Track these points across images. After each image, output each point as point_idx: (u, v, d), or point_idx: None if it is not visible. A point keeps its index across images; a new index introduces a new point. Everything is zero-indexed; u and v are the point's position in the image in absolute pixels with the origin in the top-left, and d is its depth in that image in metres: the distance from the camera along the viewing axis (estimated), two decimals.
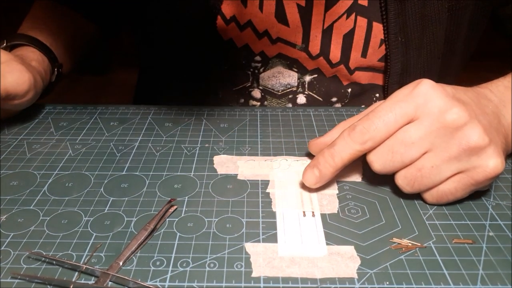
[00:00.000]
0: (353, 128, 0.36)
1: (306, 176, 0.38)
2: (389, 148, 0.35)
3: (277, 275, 0.30)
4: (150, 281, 0.30)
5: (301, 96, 0.58)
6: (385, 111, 0.35)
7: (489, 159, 0.34)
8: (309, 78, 0.57)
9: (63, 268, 0.31)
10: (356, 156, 0.36)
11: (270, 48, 0.55)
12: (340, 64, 0.55)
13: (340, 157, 0.36)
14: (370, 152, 0.36)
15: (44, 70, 0.52)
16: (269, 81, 0.57)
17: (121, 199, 0.37)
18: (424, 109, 0.34)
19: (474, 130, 0.33)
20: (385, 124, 0.35)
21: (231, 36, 0.55)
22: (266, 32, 0.54)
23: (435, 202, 0.36)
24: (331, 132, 0.41)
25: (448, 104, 0.34)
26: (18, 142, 0.46)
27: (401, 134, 0.35)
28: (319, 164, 0.37)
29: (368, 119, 0.35)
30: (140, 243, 0.32)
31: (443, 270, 0.31)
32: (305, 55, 0.55)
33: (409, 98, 0.35)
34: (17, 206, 0.36)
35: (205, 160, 0.43)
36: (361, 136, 0.35)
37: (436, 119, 0.34)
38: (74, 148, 0.44)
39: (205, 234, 0.34)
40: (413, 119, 0.35)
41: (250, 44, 0.55)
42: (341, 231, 0.34)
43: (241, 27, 0.54)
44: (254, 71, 0.57)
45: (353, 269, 0.31)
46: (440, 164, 0.34)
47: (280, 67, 0.57)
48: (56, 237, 0.33)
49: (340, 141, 0.36)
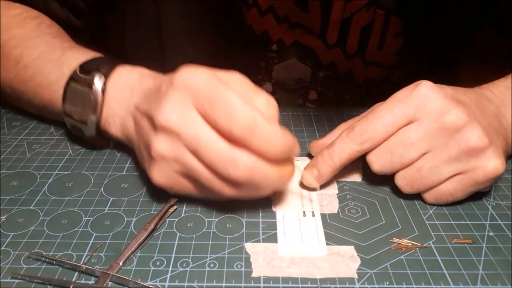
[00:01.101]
0: (352, 128, 0.36)
1: (305, 176, 0.38)
2: (388, 148, 0.35)
3: (277, 275, 0.30)
4: (150, 281, 0.30)
5: (313, 92, 0.58)
6: (384, 112, 0.35)
7: (488, 160, 0.34)
8: (322, 74, 0.57)
9: (63, 268, 0.30)
10: (355, 156, 0.36)
11: (288, 35, 0.55)
12: (356, 56, 0.55)
13: (339, 158, 0.36)
14: (369, 152, 0.36)
15: None
16: (282, 74, 0.57)
17: (121, 199, 0.37)
18: (423, 110, 0.34)
19: (474, 131, 0.33)
20: (384, 125, 0.35)
21: (251, 23, 0.54)
22: (286, 17, 0.54)
23: (435, 202, 0.36)
24: (331, 133, 0.41)
25: (447, 105, 0.34)
26: (18, 142, 0.45)
27: (400, 135, 0.35)
28: (317, 164, 0.37)
29: (366, 120, 0.36)
30: (140, 243, 0.32)
31: (443, 270, 0.31)
32: (321, 44, 0.55)
33: (408, 100, 0.35)
34: (17, 206, 0.36)
35: None
36: (360, 137, 0.35)
37: (435, 121, 0.34)
38: (74, 148, 0.44)
39: (205, 234, 0.34)
40: (412, 120, 0.35)
41: (269, 30, 0.55)
42: (341, 231, 0.34)
43: (262, 12, 0.54)
44: (268, 61, 0.57)
45: (353, 269, 0.31)
46: (439, 164, 0.34)
47: (294, 60, 0.56)
48: (56, 237, 0.33)
49: (338, 142, 0.37)
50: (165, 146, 0.32)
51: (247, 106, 0.30)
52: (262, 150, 0.30)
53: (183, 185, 0.34)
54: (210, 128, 0.31)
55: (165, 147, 0.32)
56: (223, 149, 0.30)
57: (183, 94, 0.32)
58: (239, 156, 0.30)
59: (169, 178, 0.33)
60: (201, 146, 0.31)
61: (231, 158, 0.30)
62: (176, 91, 0.32)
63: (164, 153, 0.32)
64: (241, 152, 0.30)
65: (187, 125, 0.31)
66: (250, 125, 0.30)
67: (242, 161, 0.30)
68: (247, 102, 0.30)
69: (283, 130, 0.31)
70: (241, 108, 0.30)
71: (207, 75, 0.32)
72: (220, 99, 0.30)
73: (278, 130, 0.31)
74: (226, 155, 0.30)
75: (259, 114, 0.30)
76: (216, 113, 0.30)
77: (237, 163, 0.30)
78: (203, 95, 0.31)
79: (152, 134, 0.33)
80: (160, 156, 0.32)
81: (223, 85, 0.31)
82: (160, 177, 0.33)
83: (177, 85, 0.32)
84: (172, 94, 0.32)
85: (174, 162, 0.32)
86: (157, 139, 0.32)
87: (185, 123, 0.31)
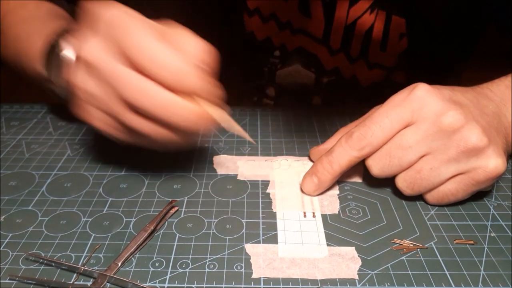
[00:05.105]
0: (350, 134, 0.36)
1: (305, 184, 0.38)
2: (386, 152, 0.35)
3: (278, 276, 0.30)
4: (149, 283, 0.29)
5: (316, 98, 0.58)
6: (381, 116, 0.35)
7: (489, 160, 0.33)
8: (326, 79, 0.57)
9: (61, 270, 0.30)
10: (354, 162, 0.36)
11: (291, 40, 0.55)
12: (360, 59, 0.55)
13: (338, 164, 0.36)
14: (368, 157, 0.36)
15: None
16: (286, 79, 0.57)
17: (120, 200, 0.37)
18: (420, 113, 0.34)
19: (472, 131, 0.33)
20: (382, 129, 0.35)
21: (253, 29, 0.54)
22: (288, 23, 0.53)
23: (436, 203, 0.36)
24: (331, 139, 0.41)
25: (444, 107, 0.34)
26: (17, 142, 0.45)
27: (398, 138, 0.35)
28: (317, 171, 0.37)
29: (364, 125, 0.35)
30: (140, 244, 0.32)
31: (444, 271, 0.30)
32: (325, 50, 0.55)
33: (405, 103, 0.35)
34: (16, 206, 0.36)
35: (204, 160, 0.42)
36: (359, 143, 0.35)
37: (433, 123, 0.34)
38: (73, 148, 0.44)
39: (204, 235, 0.33)
40: (409, 123, 0.35)
41: (272, 36, 0.54)
42: (342, 232, 0.34)
43: (264, 19, 0.53)
44: (271, 67, 0.57)
45: (354, 270, 0.30)
46: (439, 166, 0.34)
47: (298, 66, 0.56)
48: (54, 237, 0.33)
49: (338, 148, 0.37)
50: (83, 78, 0.33)
51: (158, 43, 0.31)
52: (170, 82, 0.31)
53: (106, 123, 0.35)
54: (127, 65, 0.32)
55: (83, 80, 0.33)
56: (137, 80, 0.31)
57: (105, 33, 0.33)
58: (152, 88, 0.31)
59: (89, 113, 0.34)
60: (118, 80, 0.32)
61: (146, 91, 0.31)
62: (100, 31, 0.33)
63: (80, 84, 0.34)
64: (153, 85, 0.31)
65: (105, 59, 0.32)
66: (158, 59, 0.31)
67: (154, 92, 0.31)
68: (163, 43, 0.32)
69: (198, 68, 0.33)
70: (153, 46, 0.31)
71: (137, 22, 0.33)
72: (135, 39, 0.32)
73: (186, 64, 0.32)
74: (141, 87, 0.31)
75: (170, 51, 0.31)
76: (133, 53, 0.32)
77: (150, 94, 0.31)
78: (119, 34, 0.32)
79: (75, 68, 0.34)
80: (78, 87, 0.34)
81: (139, 26, 0.32)
82: (80, 112, 0.35)
83: (101, 27, 0.33)
84: (95, 33, 0.33)
85: (91, 97, 0.33)
86: (77, 73, 0.34)
87: (104, 57, 0.32)
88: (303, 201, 0.37)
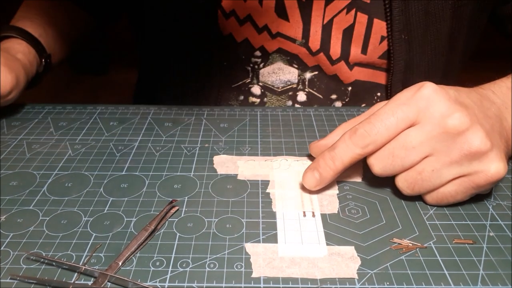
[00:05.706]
0: (355, 131, 0.35)
1: (306, 178, 0.37)
2: (389, 151, 0.35)
3: (277, 275, 0.30)
4: (149, 282, 0.29)
5: (301, 94, 0.58)
6: (387, 114, 0.35)
7: (491, 164, 0.33)
8: (309, 75, 0.57)
9: (62, 269, 0.30)
10: (357, 159, 0.36)
11: (270, 43, 0.55)
12: (340, 60, 0.55)
13: (341, 161, 0.36)
14: (370, 155, 0.36)
15: (29, 61, 0.53)
16: (269, 77, 0.57)
17: (120, 199, 0.37)
18: (425, 113, 0.34)
19: (476, 135, 0.33)
20: (387, 128, 0.34)
21: (231, 31, 0.55)
22: (265, 27, 0.54)
23: (435, 203, 0.36)
24: (332, 134, 0.40)
25: (450, 108, 0.34)
26: (18, 142, 0.45)
27: (402, 138, 0.34)
28: (319, 167, 0.37)
29: (369, 122, 0.35)
30: (140, 243, 0.32)
31: (443, 270, 0.31)
32: (305, 51, 0.55)
33: (411, 102, 0.35)
34: (17, 206, 0.36)
35: (205, 160, 0.43)
36: (363, 140, 0.35)
37: (438, 124, 0.34)
38: (74, 148, 0.44)
39: (205, 234, 0.34)
40: (414, 123, 0.34)
41: (250, 38, 0.55)
42: (341, 232, 0.34)
43: (240, 21, 0.54)
44: (254, 66, 0.57)
45: (353, 270, 0.30)
46: (440, 168, 0.34)
47: (280, 63, 0.56)
48: (55, 237, 0.33)
49: (341, 144, 0.36)
50: None
51: None
52: None
53: None
54: None
55: None
56: None
57: None
58: None
59: None
60: None
61: None
62: None
63: None
64: None
65: None
66: None
67: None
68: None
69: None
70: None
71: None
72: None
73: None
74: None
75: None
76: None
77: None
78: None
79: None
80: None
81: None
82: None
83: None
84: None
85: None
86: None
87: None
88: (302, 201, 0.37)
